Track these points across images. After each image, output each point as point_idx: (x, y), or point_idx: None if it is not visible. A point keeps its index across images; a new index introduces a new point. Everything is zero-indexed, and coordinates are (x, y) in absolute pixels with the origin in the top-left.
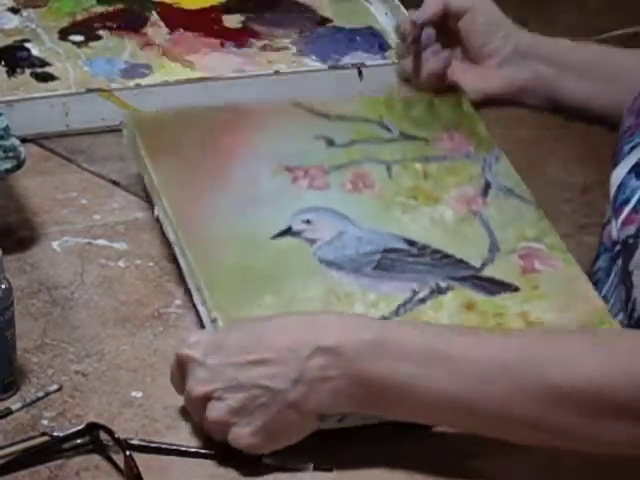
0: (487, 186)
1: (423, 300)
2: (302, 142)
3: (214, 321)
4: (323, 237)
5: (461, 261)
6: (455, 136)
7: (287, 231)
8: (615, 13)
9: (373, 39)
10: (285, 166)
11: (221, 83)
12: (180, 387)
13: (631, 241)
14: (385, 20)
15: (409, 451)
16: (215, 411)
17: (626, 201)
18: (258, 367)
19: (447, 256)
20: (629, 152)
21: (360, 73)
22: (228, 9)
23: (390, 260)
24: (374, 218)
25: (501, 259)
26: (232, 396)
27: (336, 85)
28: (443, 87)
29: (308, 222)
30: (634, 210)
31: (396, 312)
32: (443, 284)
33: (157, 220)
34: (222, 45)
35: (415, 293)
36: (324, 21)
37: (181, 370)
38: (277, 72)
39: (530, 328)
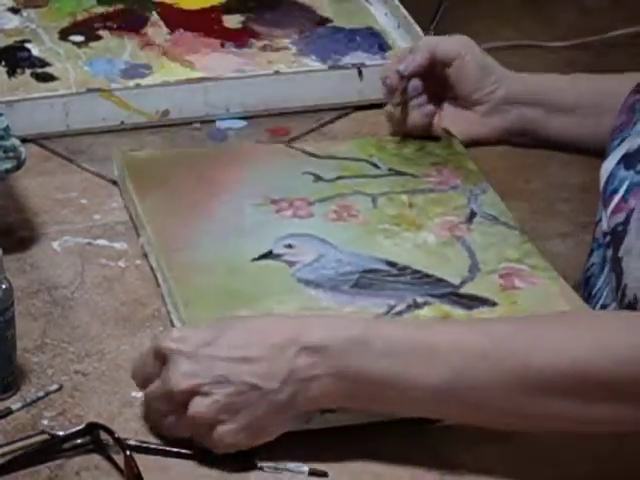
0: (472, 215)
1: (400, 313)
2: (289, 178)
3: None
4: (303, 260)
5: (441, 280)
6: (444, 171)
7: (268, 254)
8: (615, 13)
9: (373, 39)
10: (270, 199)
11: (221, 83)
12: (146, 382)
13: (620, 229)
14: (385, 20)
15: (405, 447)
16: (202, 407)
17: (615, 191)
18: (247, 364)
19: (427, 276)
20: (618, 145)
21: (360, 73)
22: (228, 9)
23: (368, 279)
24: (356, 243)
25: (481, 278)
26: (219, 392)
27: (336, 85)
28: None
29: (290, 246)
30: (623, 199)
31: None
32: (420, 300)
33: (142, 249)
34: (222, 45)
35: (392, 307)
36: (324, 21)
37: (159, 363)
38: (277, 72)
39: (513, 317)
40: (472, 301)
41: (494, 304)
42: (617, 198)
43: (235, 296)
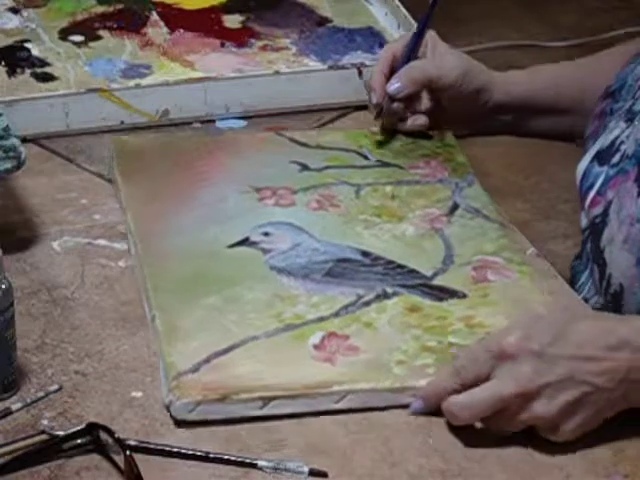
0: (454, 207)
1: (367, 303)
2: (276, 166)
3: (153, 319)
4: (279, 248)
5: (413, 271)
6: (432, 162)
7: (244, 241)
8: (615, 13)
9: (373, 39)
10: (255, 187)
11: (221, 83)
12: (474, 381)
13: (598, 220)
14: (385, 20)
15: (404, 447)
16: (547, 408)
17: (590, 187)
18: (589, 364)
19: (400, 266)
20: (591, 146)
21: (360, 73)
22: (228, 9)
23: (341, 268)
24: (334, 233)
25: (454, 270)
26: (564, 392)
27: (336, 85)
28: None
29: (266, 234)
30: (598, 193)
31: (337, 313)
32: (390, 290)
33: (125, 237)
34: (222, 45)
35: (360, 297)
36: (324, 21)
37: (495, 362)
38: (277, 72)
39: None
40: (442, 292)
41: (464, 296)
42: (593, 193)
43: (205, 282)
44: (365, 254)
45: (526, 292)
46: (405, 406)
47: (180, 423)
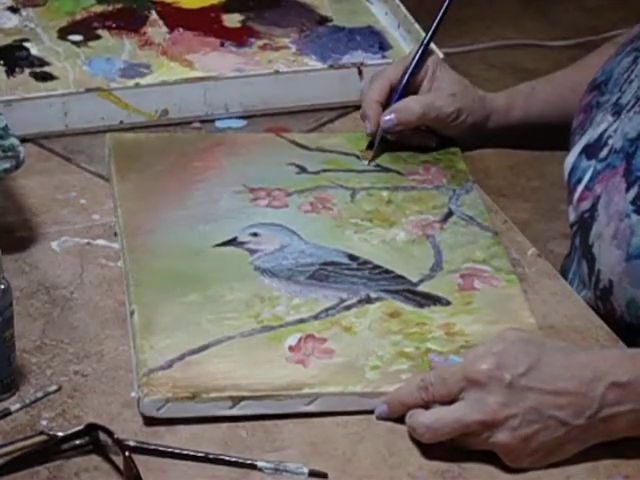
0: (448, 214)
1: (348, 307)
2: (273, 168)
3: (132, 314)
4: (266, 249)
5: (399, 276)
6: (431, 169)
7: (231, 241)
8: (615, 12)
9: (373, 38)
10: (250, 187)
11: (221, 82)
12: (443, 399)
13: (587, 215)
14: (385, 19)
15: (404, 447)
16: (509, 437)
17: (579, 181)
18: (558, 398)
19: (386, 271)
20: (579, 139)
21: (360, 72)
22: (228, 8)
23: (326, 271)
24: (324, 235)
25: (441, 277)
26: (529, 425)
27: (336, 85)
28: None
29: (255, 235)
30: (587, 188)
31: (316, 316)
32: (374, 295)
33: (115, 235)
34: (222, 44)
35: (342, 301)
36: (324, 20)
37: (464, 386)
38: (277, 71)
39: None
40: (425, 299)
41: (447, 303)
42: (581, 187)
43: (188, 280)
44: (352, 257)
45: (510, 301)
46: None
47: (180, 423)
